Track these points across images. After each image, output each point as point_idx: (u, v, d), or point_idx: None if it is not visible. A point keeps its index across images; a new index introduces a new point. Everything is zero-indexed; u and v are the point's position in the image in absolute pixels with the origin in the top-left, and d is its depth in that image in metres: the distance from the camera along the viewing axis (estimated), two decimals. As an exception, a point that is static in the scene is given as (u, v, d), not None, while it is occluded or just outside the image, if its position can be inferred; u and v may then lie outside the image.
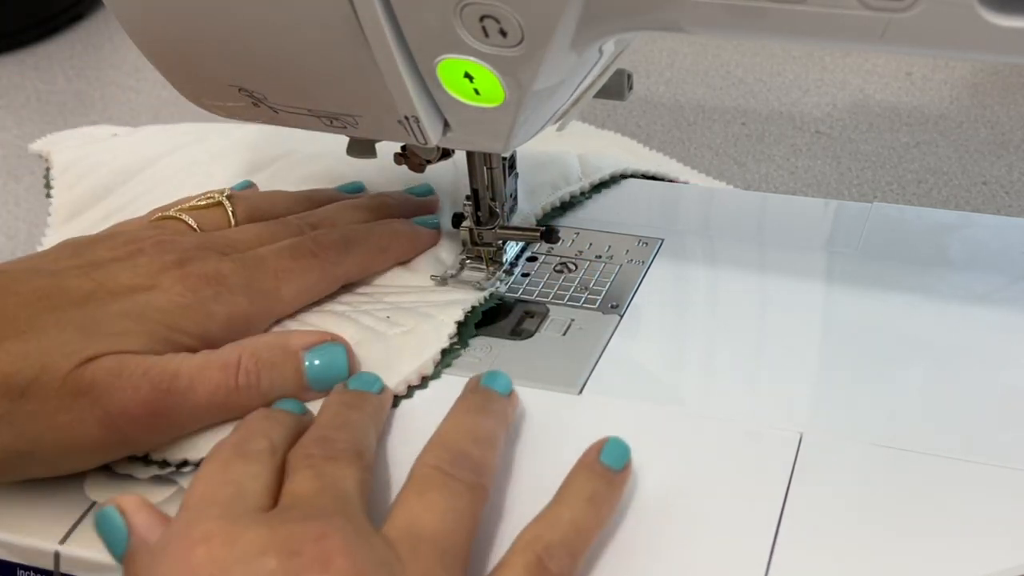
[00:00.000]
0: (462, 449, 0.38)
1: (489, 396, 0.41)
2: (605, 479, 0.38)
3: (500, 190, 0.49)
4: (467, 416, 0.40)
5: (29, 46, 0.92)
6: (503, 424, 0.40)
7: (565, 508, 0.37)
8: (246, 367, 0.42)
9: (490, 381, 0.42)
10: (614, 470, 0.38)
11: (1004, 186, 0.67)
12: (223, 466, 0.37)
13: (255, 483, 0.36)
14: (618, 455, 0.38)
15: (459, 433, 0.39)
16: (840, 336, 0.45)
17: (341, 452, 0.38)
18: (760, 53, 0.83)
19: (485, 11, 0.37)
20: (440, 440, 0.39)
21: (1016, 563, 0.36)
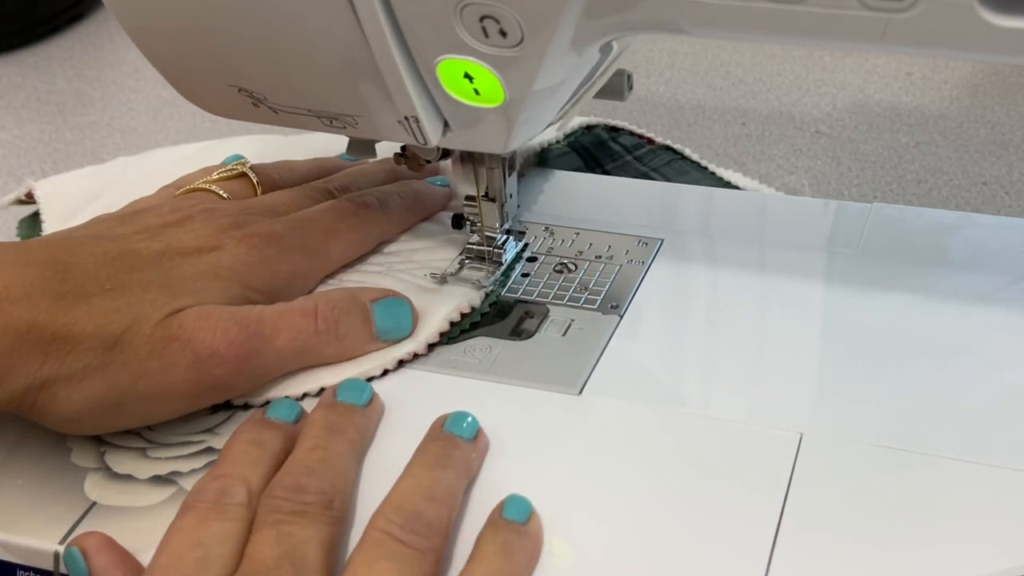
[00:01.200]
0: (416, 510, 0.37)
1: (451, 444, 0.40)
2: (513, 530, 0.37)
3: (500, 189, 0.49)
4: (424, 471, 0.39)
5: (29, 46, 0.92)
6: (464, 475, 0.39)
7: (479, 563, 0.36)
8: (324, 315, 0.44)
9: (454, 425, 0.41)
10: (519, 523, 0.37)
11: (1004, 186, 0.67)
12: (198, 523, 0.37)
13: (224, 547, 0.36)
14: (519, 509, 0.38)
15: (414, 492, 0.38)
16: (840, 336, 0.45)
17: (310, 505, 0.37)
18: (760, 53, 0.83)
19: (485, 11, 0.37)
20: (393, 501, 0.37)
21: (1016, 563, 0.36)
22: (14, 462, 0.43)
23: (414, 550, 0.36)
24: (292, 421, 0.42)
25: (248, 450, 0.40)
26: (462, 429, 0.41)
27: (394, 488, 0.38)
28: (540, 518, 0.38)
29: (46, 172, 0.75)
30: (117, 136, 0.79)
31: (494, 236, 0.50)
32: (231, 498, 0.38)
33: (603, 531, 0.38)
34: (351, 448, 0.40)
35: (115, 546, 0.38)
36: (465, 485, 0.39)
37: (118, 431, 0.43)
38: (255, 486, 0.38)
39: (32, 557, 0.40)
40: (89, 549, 0.38)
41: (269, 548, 0.36)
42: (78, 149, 0.78)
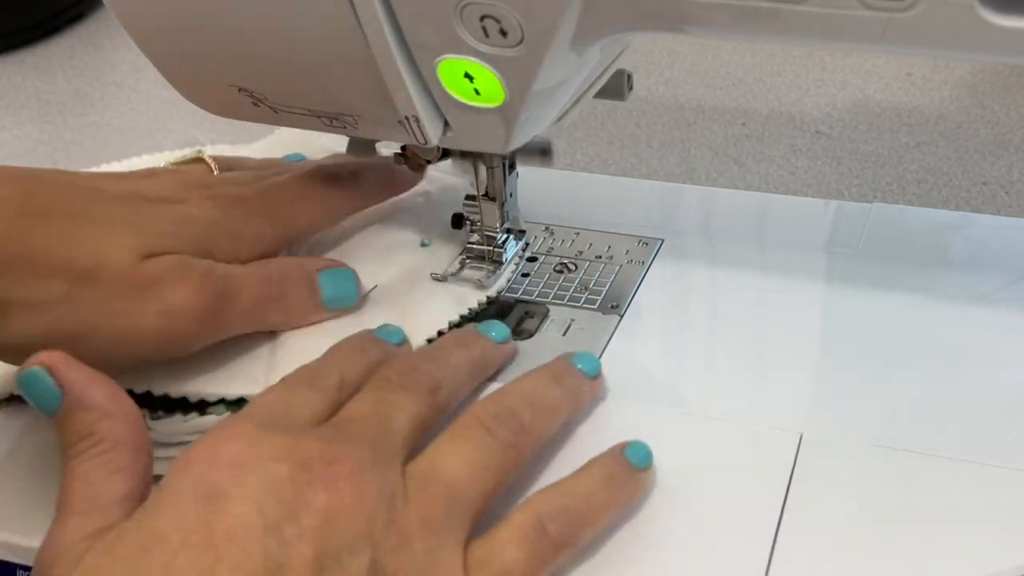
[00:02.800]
0: (512, 409, 0.38)
1: (568, 371, 0.41)
2: (626, 468, 0.38)
3: (500, 189, 0.49)
4: (533, 381, 0.40)
5: (29, 46, 0.92)
6: (572, 401, 0.40)
7: (580, 481, 0.37)
8: (276, 281, 0.45)
9: (577, 359, 0.42)
10: (635, 466, 0.38)
11: (1004, 186, 0.67)
12: (289, 388, 0.38)
13: (306, 409, 0.37)
14: (641, 455, 0.39)
15: (517, 394, 0.39)
16: (840, 336, 0.45)
17: (416, 383, 0.38)
18: (760, 53, 0.83)
19: (485, 11, 0.37)
20: (495, 395, 0.39)
21: (1016, 563, 0.36)
22: (14, 462, 0.43)
23: (498, 441, 0.37)
24: (397, 343, 0.43)
25: (350, 353, 0.41)
26: (586, 363, 0.42)
27: (505, 385, 0.40)
28: (655, 475, 0.38)
29: (46, 172, 0.75)
30: (117, 136, 0.79)
31: (494, 236, 0.50)
32: (323, 379, 0.39)
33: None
34: (471, 363, 0.42)
35: (83, 365, 0.36)
36: (570, 411, 0.40)
37: None
38: (349, 376, 0.39)
39: (32, 557, 0.40)
40: (57, 366, 0.35)
41: (363, 404, 0.37)
42: (78, 149, 0.78)
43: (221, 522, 0.32)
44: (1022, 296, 0.47)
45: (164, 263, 0.41)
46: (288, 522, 0.32)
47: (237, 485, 0.33)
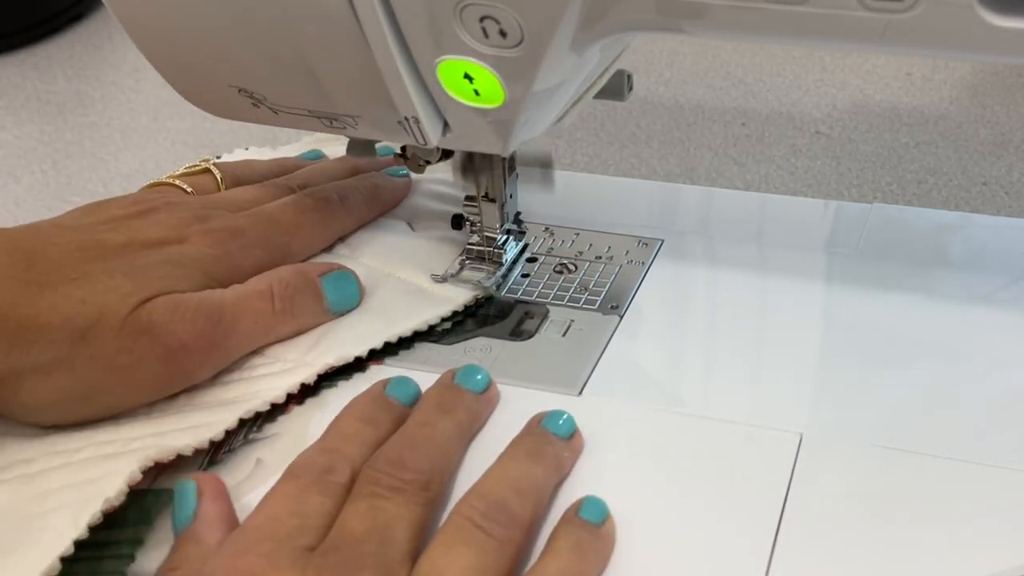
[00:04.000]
0: (501, 500, 0.37)
1: (545, 440, 0.40)
2: (587, 530, 0.37)
3: (500, 190, 0.49)
4: (514, 463, 0.39)
5: (29, 46, 0.92)
6: (555, 473, 0.39)
7: (551, 559, 0.36)
8: (279, 294, 0.45)
9: (550, 423, 0.41)
10: (594, 524, 0.37)
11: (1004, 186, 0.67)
12: (300, 492, 0.38)
13: (319, 520, 0.37)
14: (597, 511, 0.38)
15: (501, 482, 0.38)
16: (840, 336, 0.45)
17: (408, 484, 0.37)
18: (760, 53, 0.83)
19: (485, 12, 0.37)
20: (479, 489, 0.38)
21: (1016, 563, 0.36)
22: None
23: (493, 539, 0.36)
24: (408, 403, 0.42)
25: (360, 429, 0.40)
26: (557, 427, 0.40)
27: (483, 477, 0.38)
28: (615, 522, 0.37)
29: (46, 172, 0.75)
30: (117, 136, 0.79)
31: (494, 236, 0.50)
32: (335, 476, 0.38)
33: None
34: (459, 430, 0.41)
35: (227, 499, 0.38)
36: (555, 483, 0.39)
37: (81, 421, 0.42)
38: (359, 466, 0.39)
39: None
40: (204, 492, 0.38)
41: (360, 520, 0.36)
42: (78, 149, 0.78)
43: None
44: (1022, 296, 0.47)
45: (156, 307, 0.42)
46: None
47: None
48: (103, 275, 0.42)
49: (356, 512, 0.37)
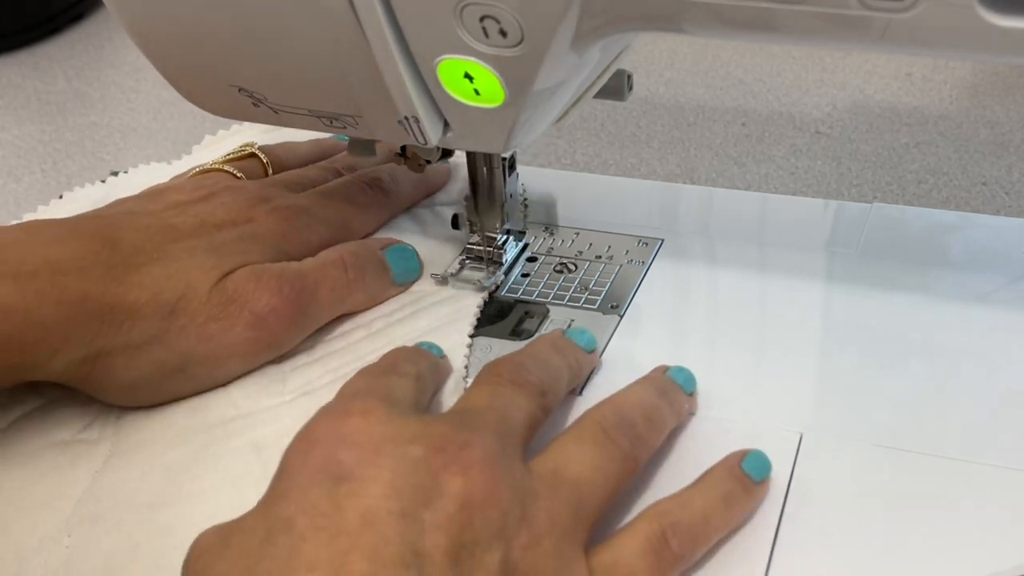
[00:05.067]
0: (631, 419, 0.38)
1: (672, 386, 0.41)
2: (742, 484, 0.38)
3: (500, 190, 0.49)
4: (647, 393, 0.40)
5: (29, 46, 0.92)
6: (676, 415, 0.41)
7: (698, 496, 0.37)
8: (351, 264, 0.47)
9: (676, 374, 0.42)
10: (752, 479, 0.38)
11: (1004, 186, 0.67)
12: (376, 375, 0.38)
13: (404, 392, 0.38)
14: (759, 467, 0.38)
15: (634, 404, 0.39)
16: (840, 336, 0.45)
17: (528, 383, 0.38)
18: (760, 53, 0.83)
19: (485, 11, 0.37)
20: (614, 404, 0.39)
21: (1016, 563, 0.36)
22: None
23: (619, 450, 0.37)
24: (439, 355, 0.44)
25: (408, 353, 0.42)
26: (683, 379, 0.42)
27: (618, 394, 0.40)
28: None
29: (46, 172, 0.75)
30: (117, 136, 0.79)
31: (494, 236, 0.50)
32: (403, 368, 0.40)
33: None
34: (569, 371, 0.42)
35: None
36: (673, 425, 0.40)
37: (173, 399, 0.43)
38: (423, 369, 0.40)
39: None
40: None
41: (483, 398, 0.37)
42: (78, 149, 0.78)
43: (354, 505, 0.31)
44: (1022, 296, 0.47)
45: (240, 276, 0.43)
46: (425, 507, 0.31)
47: (370, 465, 0.32)
48: (184, 253, 0.43)
49: (478, 392, 0.38)
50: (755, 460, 0.38)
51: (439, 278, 0.49)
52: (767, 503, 0.38)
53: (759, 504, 0.38)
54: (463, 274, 0.49)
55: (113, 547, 0.38)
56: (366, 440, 0.33)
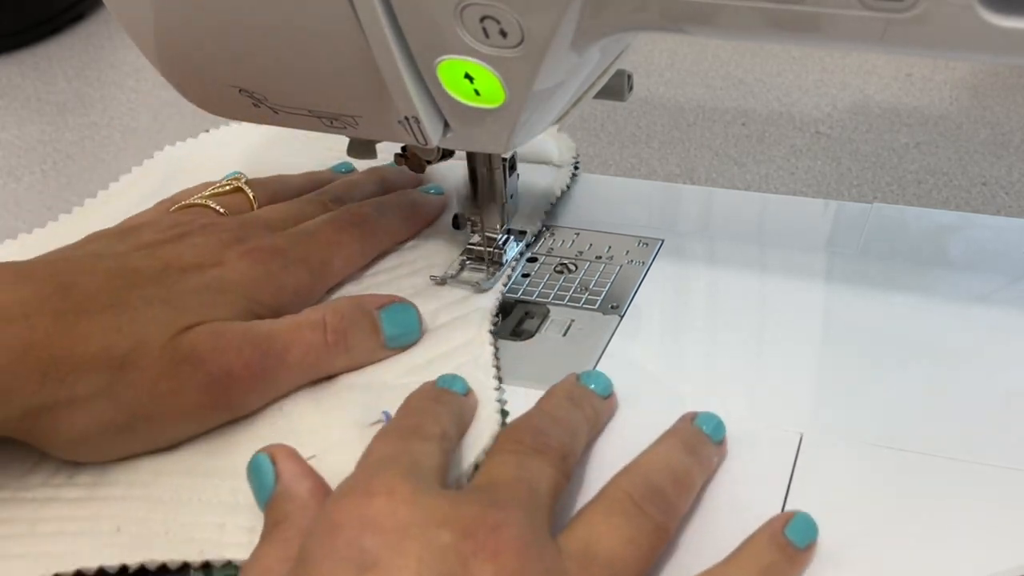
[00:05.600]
0: (659, 486, 0.37)
1: (701, 439, 0.39)
2: (785, 554, 0.35)
3: (500, 190, 0.49)
4: (673, 453, 0.38)
5: (29, 46, 0.92)
6: (705, 472, 0.39)
7: (737, 573, 0.35)
8: (333, 326, 0.43)
9: (704, 423, 0.40)
10: (796, 547, 0.36)
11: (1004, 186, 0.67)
12: (400, 439, 0.37)
13: (430, 461, 0.36)
14: (804, 532, 0.36)
15: (661, 468, 0.37)
16: (840, 336, 0.45)
17: (550, 449, 0.37)
18: (760, 53, 0.83)
19: (485, 12, 0.37)
20: (640, 469, 0.37)
21: (1016, 563, 0.36)
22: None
23: (651, 521, 0.35)
24: (463, 392, 0.42)
25: (429, 404, 0.40)
26: (711, 428, 0.40)
27: (643, 457, 0.38)
28: (817, 548, 0.36)
29: (46, 172, 0.75)
30: (117, 136, 0.79)
31: (494, 236, 0.50)
32: (426, 430, 0.38)
33: None
34: (588, 424, 0.40)
35: (302, 459, 0.38)
36: (703, 481, 0.39)
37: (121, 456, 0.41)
38: (446, 426, 0.38)
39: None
40: (279, 455, 0.38)
41: (507, 470, 0.36)
42: (78, 150, 0.78)
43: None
44: (1022, 296, 0.47)
45: (199, 333, 0.41)
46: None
47: (397, 554, 0.31)
48: (140, 303, 0.41)
49: (503, 463, 0.37)
50: (800, 525, 0.36)
51: (438, 279, 0.49)
52: (767, 503, 0.38)
53: (803, 569, 0.36)
54: (463, 275, 0.49)
55: None
56: (391, 525, 0.32)
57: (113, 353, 0.39)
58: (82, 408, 0.39)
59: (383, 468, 0.34)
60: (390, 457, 0.35)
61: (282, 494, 0.37)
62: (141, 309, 0.40)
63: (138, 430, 0.40)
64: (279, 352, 0.42)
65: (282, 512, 0.36)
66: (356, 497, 0.33)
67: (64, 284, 0.40)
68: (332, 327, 0.43)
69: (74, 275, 0.40)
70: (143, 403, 0.40)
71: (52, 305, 0.39)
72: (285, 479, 0.37)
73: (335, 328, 0.43)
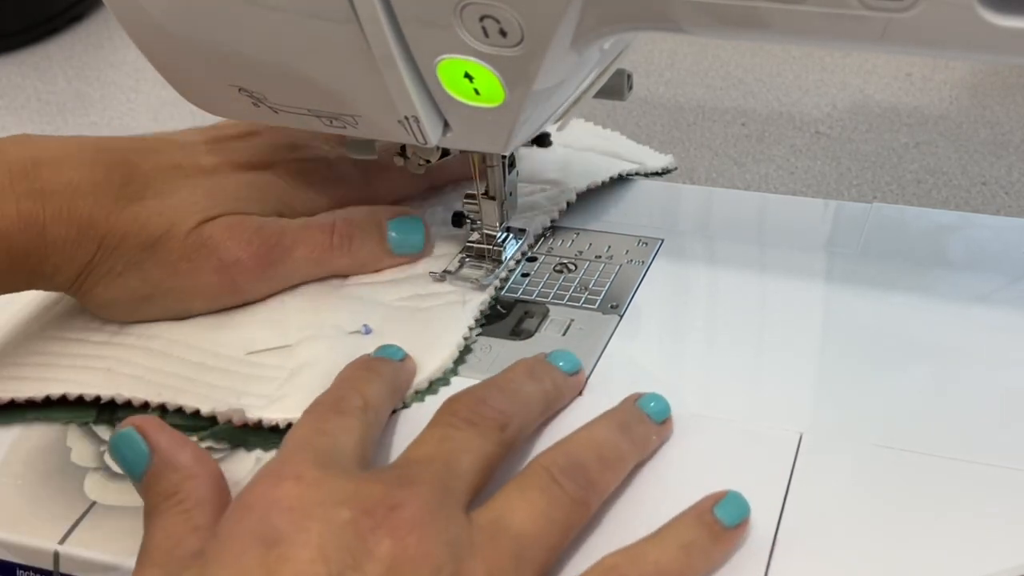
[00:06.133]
0: (582, 461, 0.37)
1: (639, 417, 0.40)
2: (711, 531, 0.36)
3: (500, 188, 0.49)
4: (603, 430, 0.39)
5: (29, 46, 0.92)
6: (639, 450, 0.39)
7: (653, 548, 0.35)
8: (340, 230, 0.48)
9: (647, 403, 0.41)
10: (724, 525, 0.36)
11: (1004, 186, 0.67)
12: (319, 419, 0.38)
13: (348, 437, 0.37)
14: (735, 511, 0.36)
15: (586, 445, 0.38)
16: (840, 336, 0.45)
17: (484, 419, 0.38)
18: (760, 53, 0.83)
19: (485, 11, 0.37)
20: (564, 446, 0.38)
21: (1016, 563, 0.36)
22: (14, 461, 0.43)
23: (567, 495, 0.36)
24: (399, 358, 0.43)
25: (359, 373, 0.42)
26: (652, 409, 0.41)
27: (569, 436, 0.38)
28: (749, 528, 0.36)
29: (46, 172, 0.75)
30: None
31: (494, 234, 0.50)
32: (347, 403, 0.39)
33: (603, 532, 0.38)
34: (544, 397, 0.41)
35: (173, 430, 0.38)
36: (637, 460, 0.39)
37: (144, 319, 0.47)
38: (370, 398, 0.40)
39: (32, 557, 0.40)
40: (148, 428, 0.38)
41: (427, 445, 0.37)
42: (78, 149, 0.77)
43: (284, 569, 0.32)
44: (1022, 296, 0.47)
45: (218, 223, 0.46)
46: (352, 570, 0.32)
47: (299, 530, 0.32)
48: (187, 191, 0.46)
49: (424, 439, 0.37)
50: (731, 504, 0.36)
51: (438, 276, 0.49)
52: (767, 503, 0.38)
53: (730, 553, 0.36)
54: (462, 272, 0.49)
55: None
56: (297, 505, 0.33)
57: (150, 232, 0.45)
58: (116, 277, 0.45)
59: (295, 453, 0.36)
60: (305, 440, 0.37)
61: (163, 466, 0.37)
62: (186, 197, 0.46)
63: (158, 301, 0.46)
64: (287, 247, 0.47)
65: (170, 484, 0.37)
66: (268, 480, 0.35)
67: (130, 169, 0.46)
68: (339, 231, 0.48)
69: (142, 162, 0.46)
70: (165, 279, 0.46)
71: (115, 188, 0.45)
72: (163, 450, 0.37)
73: (342, 232, 0.48)
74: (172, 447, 0.37)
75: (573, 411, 0.43)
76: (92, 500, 0.41)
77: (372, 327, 0.46)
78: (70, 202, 0.44)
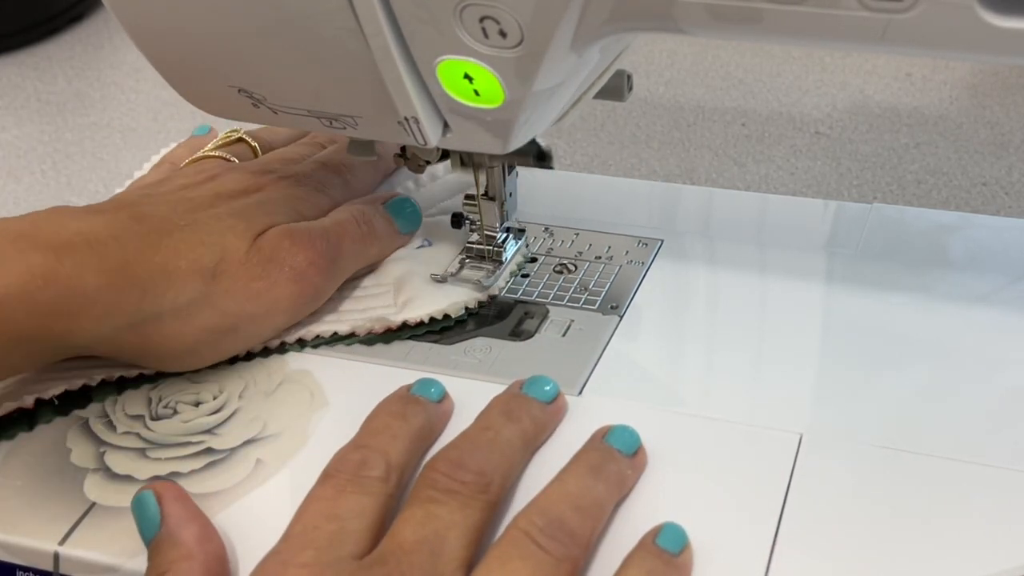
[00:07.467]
0: (559, 516, 0.36)
1: (609, 456, 0.39)
2: (663, 559, 0.36)
3: (499, 189, 0.49)
4: (575, 478, 0.38)
5: (29, 46, 0.92)
6: (617, 490, 0.38)
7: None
8: (361, 219, 0.49)
9: (615, 438, 0.40)
10: (671, 553, 0.36)
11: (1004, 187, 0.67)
12: (336, 494, 0.37)
13: (359, 522, 0.36)
14: (675, 540, 0.36)
15: (561, 498, 0.37)
16: (840, 336, 0.46)
17: (465, 486, 0.37)
18: (760, 54, 0.83)
19: (485, 12, 0.37)
20: (539, 504, 0.37)
21: (1016, 563, 0.36)
22: (14, 462, 0.43)
23: (550, 556, 0.35)
24: (435, 400, 0.42)
25: (390, 423, 0.40)
26: (622, 442, 0.39)
27: (543, 491, 0.37)
28: (693, 551, 0.36)
29: (46, 172, 0.75)
30: (117, 136, 0.79)
31: (494, 235, 0.50)
32: (369, 471, 0.38)
33: (602, 531, 0.38)
34: (523, 438, 0.40)
35: (189, 499, 0.38)
36: (616, 500, 0.38)
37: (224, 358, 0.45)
38: (394, 460, 0.38)
39: (32, 557, 0.40)
40: (164, 496, 0.38)
41: (412, 529, 0.36)
42: (78, 150, 0.78)
43: None
44: (1022, 296, 0.47)
45: (273, 236, 0.45)
46: None
47: None
48: (211, 220, 0.44)
49: (409, 519, 0.36)
50: (668, 535, 0.36)
51: (438, 277, 0.49)
52: (767, 504, 0.38)
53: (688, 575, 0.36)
54: (463, 273, 0.49)
55: None
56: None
57: (203, 264, 0.43)
58: (187, 319, 0.43)
59: (297, 552, 0.35)
60: (311, 530, 0.36)
61: (166, 539, 0.37)
62: (214, 224, 0.44)
63: (241, 330, 0.44)
64: (337, 242, 0.47)
65: (165, 560, 0.37)
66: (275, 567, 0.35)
67: (137, 214, 0.43)
68: (362, 220, 0.49)
69: (142, 207, 0.44)
70: (242, 304, 0.44)
71: (131, 228, 0.42)
72: (170, 523, 0.37)
73: (363, 220, 0.48)
74: (179, 521, 0.37)
75: (572, 412, 0.43)
76: (92, 501, 0.41)
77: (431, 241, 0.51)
78: (90, 250, 0.41)
